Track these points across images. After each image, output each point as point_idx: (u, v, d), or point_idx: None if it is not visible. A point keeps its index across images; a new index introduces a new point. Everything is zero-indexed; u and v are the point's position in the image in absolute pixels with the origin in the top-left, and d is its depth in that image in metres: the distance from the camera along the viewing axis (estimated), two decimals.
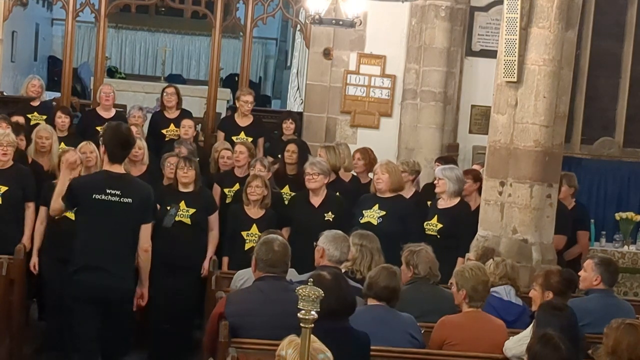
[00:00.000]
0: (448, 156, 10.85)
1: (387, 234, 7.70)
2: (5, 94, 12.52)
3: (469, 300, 6.00)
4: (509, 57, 7.92)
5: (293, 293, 3.76)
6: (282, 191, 9.17)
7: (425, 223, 8.39)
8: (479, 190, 8.95)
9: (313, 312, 3.67)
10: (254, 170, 8.81)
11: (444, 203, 8.46)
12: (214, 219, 8.53)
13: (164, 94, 11.08)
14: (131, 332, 7.43)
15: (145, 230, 6.77)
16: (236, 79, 15.35)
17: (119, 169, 6.65)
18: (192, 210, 8.31)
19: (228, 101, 16.01)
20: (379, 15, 11.68)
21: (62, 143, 9.39)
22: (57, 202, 6.84)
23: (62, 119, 10.18)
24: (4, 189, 8.19)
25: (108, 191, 6.51)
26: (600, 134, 13.16)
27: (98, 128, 10.35)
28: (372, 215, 8.30)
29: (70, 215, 7.76)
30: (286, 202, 9.04)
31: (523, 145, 8.01)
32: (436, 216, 8.37)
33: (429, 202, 8.89)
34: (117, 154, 6.66)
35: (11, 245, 7.78)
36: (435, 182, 8.55)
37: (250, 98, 10.99)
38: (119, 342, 6.80)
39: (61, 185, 6.95)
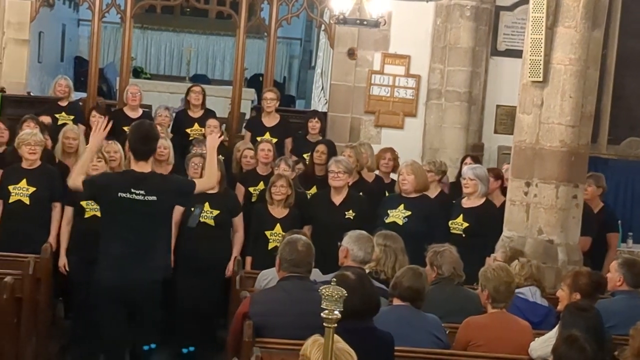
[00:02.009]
0: (475, 155, 10.83)
1: (412, 234, 7.70)
2: (32, 94, 12.60)
3: (492, 300, 5.98)
4: (535, 57, 7.88)
5: (317, 293, 3.76)
6: (309, 191, 9.17)
7: (450, 222, 8.37)
8: (501, 188, 8.94)
9: (336, 312, 3.67)
10: (279, 170, 8.82)
11: (469, 202, 8.44)
12: (238, 221, 8.54)
13: (191, 92, 11.11)
14: (157, 331, 7.45)
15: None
16: (260, 79, 15.37)
17: (144, 167, 6.66)
18: (216, 212, 8.32)
19: (252, 101, 16.05)
20: (403, 15, 11.66)
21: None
22: (77, 180, 6.78)
23: (96, 118, 10.19)
24: (32, 189, 8.25)
25: (133, 190, 6.53)
26: (627, 134, 13.07)
27: (125, 128, 10.41)
28: (398, 215, 8.30)
29: (100, 214, 7.81)
30: None
31: (549, 145, 7.98)
32: (461, 215, 8.36)
33: (453, 202, 8.89)
34: (139, 150, 6.68)
35: (38, 245, 7.83)
36: (464, 181, 8.51)
37: (272, 95, 11.00)
38: (145, 341, 6.82)
39: (85, 162, 6.93)
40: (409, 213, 8.28)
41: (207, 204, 8.32)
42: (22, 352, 7.08)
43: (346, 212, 8.48)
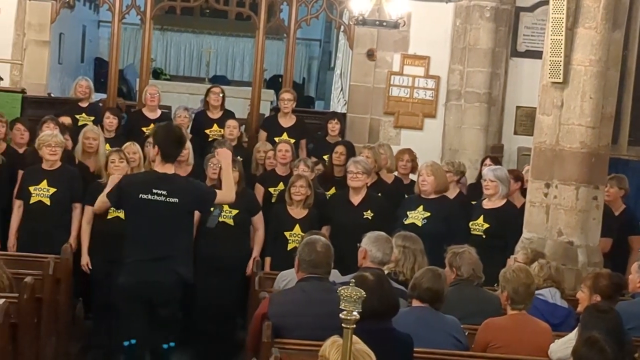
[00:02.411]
0: (494, 156, 10.80)
1: (431, 235, 7.69)
2: (52, 95, 12.65)
3: (512, 302, 5.96)
4: (555, 58, 7.86)
5: (335, 294, 3.76)
6: (328, 192, 9.17)
7: (471, 223, 8.36)
8: (521, 190, 8.92)
9: (355, 313, 3.67)
10: (298, 171, 8.83)
11: (490, 203, 8.43)
12: (258, 220, 8.55)
13: (211, 93, 11.13)
14: (177, 330, 7.48)
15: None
16: (280, 80, 15.41)
17: (169, 169, 6.68)
18: (235, 211, 8.34)
19: (271, 102, 16.06)
20: (422, 16, 11.64)
21: (108, 144, 9.47)
22: (100, 201, 6.90)
23: (110, 120, 10.27)
24: (52, 190, 8.30)
25: (154, 191, 6.56)
26: None
27: (144, 129, 10.45)
28: (417, 216, 8.28)
29: (122, 215, 7.85)
30: None
31: (569, 146, 7.94)
32: (482, 216, 8.35)
33: (472, 203, 8.87)
34: (170, 153, 6.71)
35: (58, 245, 7.86)
36: (485, 183, 8.49)
37: (289, 96, 11.01)
38: (165, 341, 6.84)
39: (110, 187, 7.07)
40: (428, 214, 8.26)
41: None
42: (42, 352, 7.10)
43: (364, 213, 8.48)
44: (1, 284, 6.33)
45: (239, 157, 9.48)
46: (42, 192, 8.29)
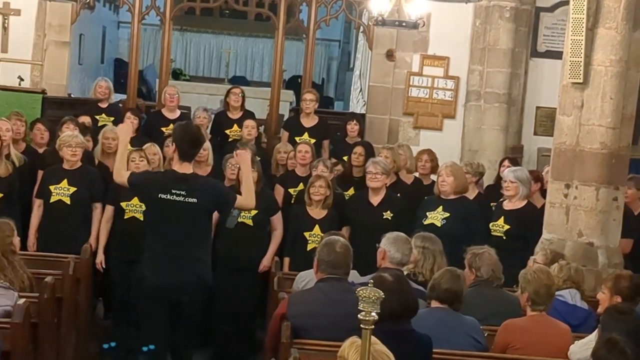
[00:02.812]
0: (514, 157, 10.77)
1: (451, 235, 7.67)
2: (72, 95, 12.71)
3: (532, 303, 5.94)
4: (575, 58, 7.83)
5: (354, 294, 3.76)
6: (347, 193, 9.17)
7: (491, 224, 8.34)
8: (540, 191, 8.88)
9: (373, 314, 3.67)
10: (317, 171, 8.83)
11: (510, 204, 8.40)
12: (276, 219, 8.56)
13: (231, 94, 11.14)
14: (197, 331, 7.48)
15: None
16: (299, 80, 15.41)
17: (187, 168, 6.69)
18: (254, 212, 8.33)
19: (291, 103, 16.08)
20: (442, 16, 11.63)
21: (129, 144, 9.49)
22: (120, 175, 6.87)
23: (131, 120, 10.30)
24: (72, 189, 8.34)
25: (173, 191, 6.56)
26: None
27: (163, 129, 10.48)
28: (436, 217, 8.27)
29: (139, 215, 7.88)
30: None
31: (589, 147, 7.91)
32: (502, 217, 8.32)
33: (492, 204, 8.85)
34: (187, 152, 6.72)
35: (78, 245, 7.90)
36: (505, 184, 8.47)
37: (312, 96, 11.01)
38: (186, 341, 6.85)
39: (122, 150, 7.04)
40: (448, 215, 8.25)
41: None
42: (62, 352, 7.14)
43: (384, 213, 8.47)
44: (22, 283, 6.36)
45: (257, 158, 9.51)
46: (62, 191, 8.33)
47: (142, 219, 7.81)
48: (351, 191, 9.25)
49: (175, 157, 6.77)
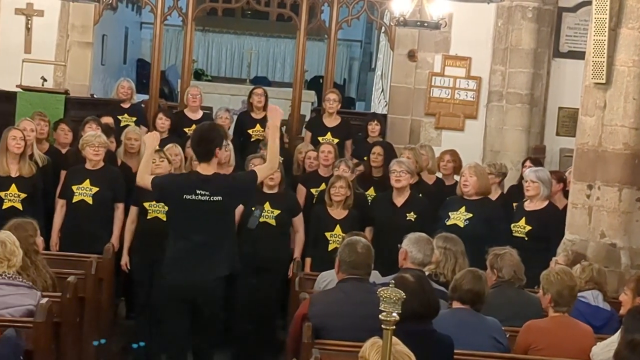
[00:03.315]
0: (536, 157, 10.73)
1: (473, 236, 7.66)
2: (95, 96, 12.77)
3: (554, 304, 5.92)
4: (598, 59, 7.79)
5: (375, 295, 3.76)
6: (367, 193, 9.17)
7: (513, 225, 8.31)
8: (563, 191, 8.85)
9: (394, 314, 3.67)
10: (338, 171, 8.83)
11: (532, 205, 8.38)
12: (298, 221, 8.57)
13: (253, 94, 11.16)
14: (218, 331, 7.50)
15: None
16: (321, 81, 15.41)
17: (207, 169, 6.70)
18: (277, 212, 8.36)
19: (312, 103, 16.08)
20: (464, 16, 11.61)
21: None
22: (144, 178, 6.90)
23: (162, 120, 10.35)
24: (95, 189, 8.37)
25: (198, 191, 6.58)
26: None
27: (186, 129, 10.51)
28: (459, 217, 8.25)
29: (162, 216, 7.90)
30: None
31: (612, 147, 7.87)
32: (524, 218, 8.30)
33: (514, 204, 8.82)
34: (199, 152, 6.75)
35: (100, 245, 7.94)
36: (526, 184, 8.44)
37: (334, 96, 11.02)
38: (207, 341, 6.86)
39: (147, 156, 7.04)
40: (471, 215, 8.23)
41: (267, 204, 8.36)
42: (84, 351, 7.17)
43: (407, 214, 8.46)
44: (44, 283, 6.39)
45: (280, 158, 9.51)
46: (85, 192, 8.37)
47: (164, 219, 7.83)
48: (371, 191, 9.24)
49: (195, 159, 6.83)
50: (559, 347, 5.78)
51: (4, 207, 8.27)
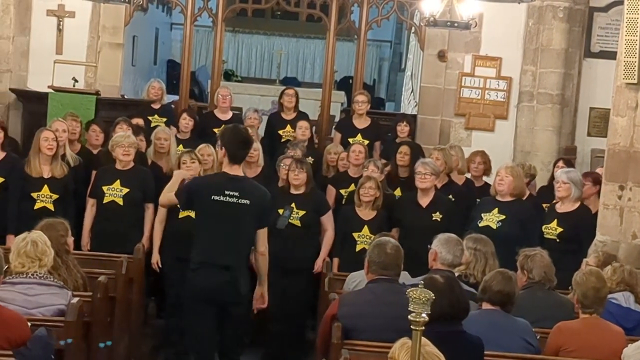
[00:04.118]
0: (568, 158, 10.67)
1: (506, 238, 7.64)
2: (126, 97, 12.83)
3: (581, 305, 5.89)
4: (629, 59, 7.73)
5: (405, 296, 3.75)
6: (393, 193, 9.15)
7: (544, 227, 8.27)
8: (599, 194, 8.78)
9: (423, 315, 3.66)
10: (367, 172, 8.83)
11: (564, 207, 8.33)
12: (327, 219, 8.55)
13: (284, 95, 11.19)
14: (246, 331, 7.51)
15: (262, 234, 6.74)
16: (350, 81, 15.39)
17: (237, 170, 6.70)
18: (302, 212, 8.36)
19: (342, 104, 16.07)
20: (494, 16, 11.57)
21: (182, 145, 9.57)
22: (165, 196, 6.95)
23: (186, 121, 10.38)
24: (125, 190, 8.42)
25: (227, 192, 6.57)
26: None
27: (215, 130, 10.53)
28: (492, 219, 8.22)
29: (193, 214, 7.91)
30: None
31: None
32: (556, 220, 8.26)
33: (544, 205, 8.77)
34: (236, 155, 6.73)
35: (131, 245, 7.97)
36: (557, 185, 8.40)
37: (363, 98, 11.03)
38: (234, 342, 6.87)
39: (173, 182, 7.09)
40: (504, 217, 8.19)
41: (293, 205, 8.36)
42: (115, 351, 7.20)
43: (433, 214, 8.42)
44: (75, 283, 6.43)
45: (309, 158, 9.53)
46: (115, 192, 8.42)
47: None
48: (398, 192, 9.22)
49: (226, 161, 6.78)
50: (589, 349, 5.75)
51: (36, 207, 8.33)
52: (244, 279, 6.67)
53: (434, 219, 8.38)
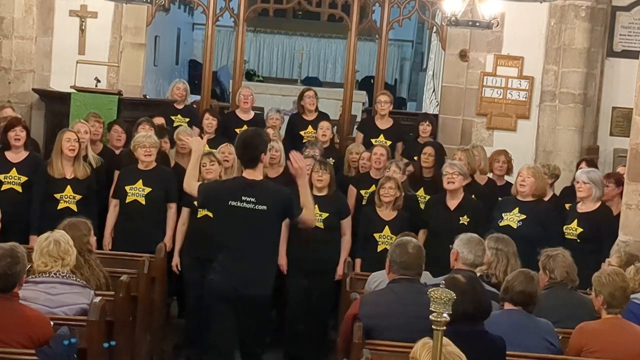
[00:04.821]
0: (591, 159, 10.62)
1: (526, 238, 7.61)
2: (148, 97, 12.87)
3: (607, 306, 5.85)
4: None
5: (426, 295, 3.75)
6: (417, 194, 9.13)
7: (565, 227, 8.24)
8: (621, 195, 8.73)
9: (445, 315, 3.66)
10: (389, 172, 8.81)
11: (584, 207, 8.29)
12: (346, 224, 8.54)
13: (305, 97, 11.17)
14: (267, 331, 7.50)
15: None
16: (372, 81, 15.41)
17: (254, 174, 6.65)
18: (325, 215, 8.34)
19: (363, 103, 16.08)
20: (516, 16, 11.54)
21: (207, 145, 9.58)
22: (190, 186, 6.89)
23: (209, 121, 10.40)
24: (147, 190, 8.45)
25: (244, 198, 6.52)
26: None
27: (237, 130, 10.54)
28: (512, 218, 8.19)
29: (210, 213, 7.91)
30: (421, 205, 9.00)
31: None
32: (576, 220, 8.22)
33: (566, 205, 8.74)
34: (243, 159, 6.71)
35: (153, 245, 7.99)
36: (578, 185, 8.36)
37: (386, 98, 11.00)
38: (256, 341, 6.87)
39: (194, 162, 6.98)
40: (524, 217, 8.17)
41: (316, 207, 8.35)
42: (137, 350, 7.22)
43: (460, 218, 8.38)
44: (98, 282, 6.45)
45: (330, 159, 9.52)
46: (137, 192, 8.45)
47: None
48: (421, 192, 9.20)
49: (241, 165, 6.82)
50: (612, 349, 5.72)
51: (59, 207, 8.37)
52: (263, 283, 6.65)
53: (461, 222, 8.33)
